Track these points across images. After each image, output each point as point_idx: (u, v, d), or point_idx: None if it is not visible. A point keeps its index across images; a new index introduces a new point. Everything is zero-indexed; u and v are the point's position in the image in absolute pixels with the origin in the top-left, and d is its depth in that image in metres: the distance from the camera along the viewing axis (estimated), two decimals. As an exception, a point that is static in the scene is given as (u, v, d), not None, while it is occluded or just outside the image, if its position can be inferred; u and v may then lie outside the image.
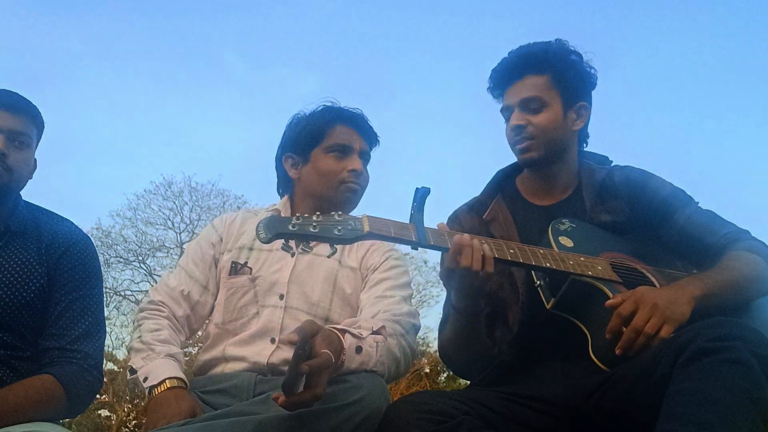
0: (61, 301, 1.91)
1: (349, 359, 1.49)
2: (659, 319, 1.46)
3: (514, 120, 1.80)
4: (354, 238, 1.42)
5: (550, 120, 1.79)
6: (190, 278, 1.96)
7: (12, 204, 1.95)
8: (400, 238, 1.47)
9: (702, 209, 1.80)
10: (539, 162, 1.82)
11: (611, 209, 1.79)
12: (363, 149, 2.01)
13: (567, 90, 1.81)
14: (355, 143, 1.99)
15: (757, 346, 1.27)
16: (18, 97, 1.94)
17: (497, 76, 1.87)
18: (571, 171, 1.87)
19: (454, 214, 1.93)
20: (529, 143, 1.79)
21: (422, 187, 1.50)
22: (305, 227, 1.38)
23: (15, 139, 1.89)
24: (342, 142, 1.97)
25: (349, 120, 2.01)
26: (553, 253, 1.60)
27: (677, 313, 1.48)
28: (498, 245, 1.55)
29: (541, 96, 1.79)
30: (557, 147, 1.81)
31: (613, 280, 1.60)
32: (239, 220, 2.04)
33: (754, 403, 1.22)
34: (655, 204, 1.79)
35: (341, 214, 1.43)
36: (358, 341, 1.51)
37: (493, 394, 1.57)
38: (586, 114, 1.86)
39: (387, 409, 1.44)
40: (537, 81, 1.80)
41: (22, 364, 1.85)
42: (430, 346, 15.17)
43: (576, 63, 1.84)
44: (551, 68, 1.81)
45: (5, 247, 1.90)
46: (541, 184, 1.87)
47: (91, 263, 2.01)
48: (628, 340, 1.47)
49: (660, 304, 1.47)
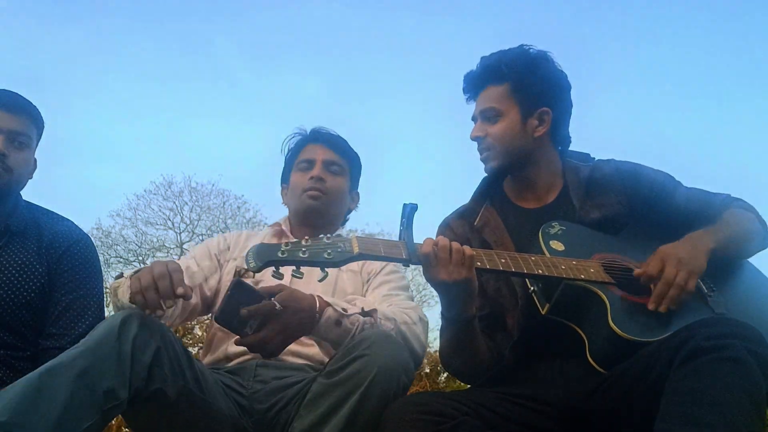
0: (61, 301, 1.92)
1: (326, 329, 1.59)
2: (687, 272, 1.54)
3: (474, 132, 1.84)
4: (344, 261, 1.42)
5: (506, 129, 1.79)
6: (197, 265, 1.99)
7: (12, 204, 1.96)
8: (391, 256, 1.48)
9: (690, 187, 1.86)
10: (501, 171, 1.84)
11: (600, 204, 1.79)
12: (327, 159, 2.12)
13: (526, 97, 1.80)
14: (318, 155, 2.12)
15: (754, 344, 1.27)
16: (18, 97, 1.95)
17: (465, 87, 1.91)
18: (552, 173, 1.87)
19: (445, 222, 1.93)
20: (487, 154, 1.82)
21: (410, 204, 1.50)
22: (295, 253, 1.39)
23: (15, 140, 1.90)
24: (306, 158, 2.14)
25: (314, 138, 2.17)
26: (545, 259, 1.61)
27: (699, 264, 1.58)
28: (489, 256, 1.55)
29: (497, 106, 1.80)
30: (518, 154, 1.81)
31: (606, 282, 1.61)
32: (245, 236, 2.15)
33: (751, 402, 1.23)
34: (655, 189, 1.81)
35: (330, 236, 1.44)
36: (339, 316, 1.60)
37: (492, 394, 1.57)
38: (549, 119, 1.82)
39: (386, 410, 1.43)
40: (496, 91, 1.82)
41: (22, 364, 1.85)
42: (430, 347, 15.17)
43: (538, 69, 1.82)
44: (510, 77, 1.81)
45: (5, 247, 1.91)
46: (524, 188, 1.88)
47: (92, 263, 2.02)
48: (660, 293, 1.54)
49: (684, 258, 1.56)
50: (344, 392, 1.43)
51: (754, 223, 1.77)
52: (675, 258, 1.56)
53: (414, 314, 1.78)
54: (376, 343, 1.46)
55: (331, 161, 2.12)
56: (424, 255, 1.49)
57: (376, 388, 1.41)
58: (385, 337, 1.51)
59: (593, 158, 1.93)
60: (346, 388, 1.43)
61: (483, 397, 1.55)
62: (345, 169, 2.16)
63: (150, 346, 1.48)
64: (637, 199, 1.80)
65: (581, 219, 1.77)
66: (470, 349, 1.66)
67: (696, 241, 1.63)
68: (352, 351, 1.47)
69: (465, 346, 1.65)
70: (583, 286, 1.59)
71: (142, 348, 1.47)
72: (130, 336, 1.46)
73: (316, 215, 2.08)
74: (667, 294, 1.54)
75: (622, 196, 1.80)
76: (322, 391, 1.47)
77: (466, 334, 1.62)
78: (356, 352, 1.45)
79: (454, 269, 1.48)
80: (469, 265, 1.50)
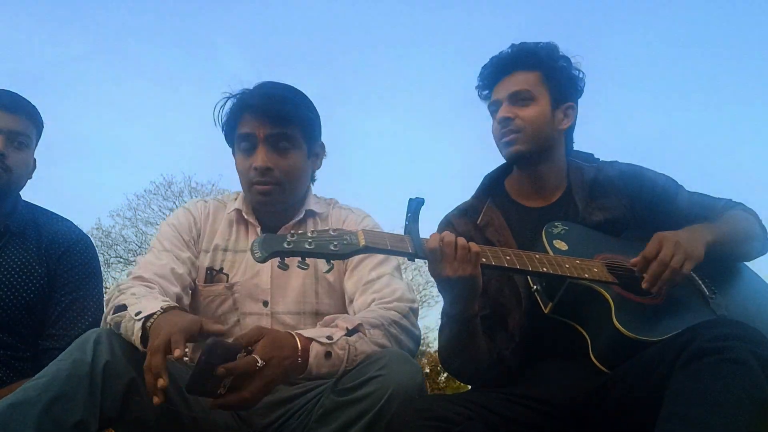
0: (61, 302, 1.91)
1: (317, 367, 1.44)
2: (683, 255, 1.54)
3: (502, 112, 1.80)
4: (350, 253, 1.40)
5: (538, 114, 1.79)
6: (179, 259, 1.77)
7: (11, 204, 1.96)
8: (397, 250, 1.46)
9: (692, 191, 1.86)
10: (525, 157, 1.81)
11: (604, 206, 1.79)
12: (270, 134, 1.72)
13: (556, 89, 1.82)
14: (259, 132, 1.72)
15: (756, 345, 1.27)
16: (17, 97, 1.94)
17: (487, 71, 1.88)
18: (560, 171, 1.87)
19: (446, 219, 1.91)
20: (515, 136, 1.79)
21: (416, 198, 1.49)
22: (300, 244, 1.37)
23: (14, 140, 1.90)
24: (244, 134, 1.74)
25: (251, 106, 1.74)
26: (549, 257, 1.60)
27: (697, 251, 1.57)
28: (495, 253, 1.55)
29: (531, 90, 1.80)
30: (544, 143, 1.81)
31: (609, 282, 1.61)
32: (212, 214, 1.87)
33: (754, 404, 1.22)
34: (657, 192, 1.81)
35: (336, 228, 1.42)
36: (326, 348, 1.45)
37: (495, 395, 1.56)
38: (572, 115, 1.86)
39: (390, 417, 1.40)
40: (527, 76, 1.81)
41: (22, 365, 1.85)
42: (429, 347, 15.17)
43: (565, 66, 1.86)
44: (541, 66, 1.82)
45: (5, 248, 1.90)
46: (530, 185, 1.87)
47: (92, 263, 2.01)
48: (654, 273, 1.54)
49: (682, 242, 1.56)
50: (358, 411, 1.38)
51: (754, 226, 1.77)
52: (672, 241, 1.56)
53: (400, 306, 1.66)
54: (391, 363, 1.42)
55: (276, 135, 1.72)
56: (431, 250, 1.47)
57: (390, 409, 1.37)
58: (399, 357, 1.45)
59: (597, 159, 1.92)
60: (361, 407, 1.38)
61: (486, 398, 1.54)
62: (296, 140, 1.75)
63: (123, 377, 1.40)
64: (639, 201, 1.80)
65: (584, 220, 1.77)
66: (470, 349, 1.65)
67: (695, 232, 1.63)
68: (367, 371, 1.42)
69: (465, 345, 1.64)
70: (586, 285, 1.59)
71: (115, 377, 1.39)
72: (100, 364, 1.38)
73: (271, 208, 1.81)
74: (662, 275, 1.54)
75: (625, 199, 1.80)
76: (334, 408, 1.42)
77: (468, 333, 1.62)
78: (371, 372, 1.41)
79: (460, 265, 1.47)
80: (474, 262, 1.48)
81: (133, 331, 1.44)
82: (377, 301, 1.67)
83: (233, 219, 1.86)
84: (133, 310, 1.47)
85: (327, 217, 1.88)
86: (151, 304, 1.48)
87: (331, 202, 1.93)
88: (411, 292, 1.72)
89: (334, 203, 1.93)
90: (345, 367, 1.47)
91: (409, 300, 1.68)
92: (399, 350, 1.53)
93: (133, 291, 1.57)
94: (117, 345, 1.43)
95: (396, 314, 1.62)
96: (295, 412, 1.61)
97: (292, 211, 1.84)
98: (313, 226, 1.83)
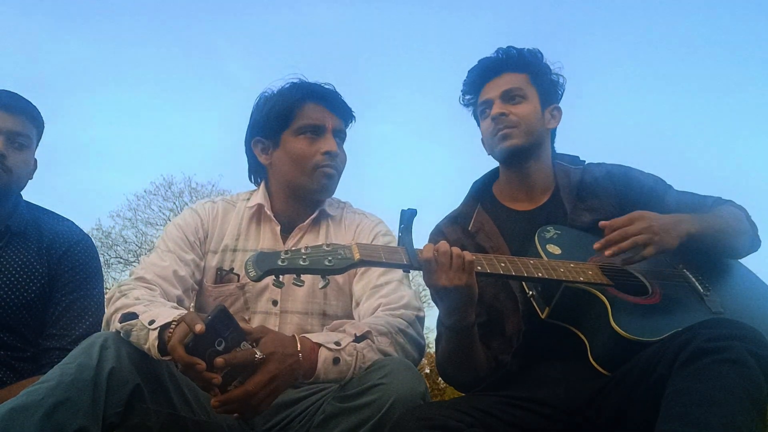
0: (61, 302, 1.91)
1: (325, 372, 1.45)
2: (648, 237, 1.55)
3: (497, 108, 1.83)
4: (345, 267, 1.39)
5: (530, 111, 1.83)
6: (182, 261, 1.77)
7: (12, 204, 1.96)
8: (392, 262, 1.46)
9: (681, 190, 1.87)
10: (520, 151, 1.83)
11: (592, 207, 1.80)
12: (337, 128, 1.83)
13: (543, 90, 1.89)
14: (328, 122, 1.81)
15: (755, 345, 1.27)
16: (17, 98, 1.94)
17: (475, 73, 1.92)
18: (547, 172, 1.89)
19: (437, 228, 1.92)
20: (511, 130, 1.82)
21: (408, 209, 1.49)
22: (295, 261, 1.37)
23: (14, 140, 1.90)
24: (313, 122, 1.80)
25: (320, 97, 1.83)
26: (543, 262, 1.60)
27: (666, 240, 1.57)
28: (489, 260, 1.55)
29: (523, 88, 1.86)
30: (535, 140, 1.84)
31: (604, 284, 1.60)
32: (221, 215, 1.88)
33: (752, 403, 1.22)
34: (645, 192, 1.82)
35: (330, 243, 1.42)
36: (334, 353, 1.46)
37: (496, 400, 1.56)
38: (558, 116, 1.93)
39: (391, 424, 1.40)
40: (517, 77, 1.87)
41: (23, 365, 1.85)
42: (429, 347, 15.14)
43: (551, 69, 1.92)
44: (529, 68, 1.89)
45: (6, 248, 1.91)
46: (519, 187, 1.88)
47: (92, 263, 2.01)
48: (611, 238, 1.56)
49: (654, 226, 1.57)
50: (359, 419, 1.38)
51: (743, 222, 1.77)
52: (645, 221, 1.57)
53: (407, 313, 1.66)
54: (394, 372, 1.42)
55: (339, 130, 1.85)
56: (426, 260, 1.47)
57: (391, 418, 1.37)
58: (402, 366, 1.45)
59: (583, 161, 1.94)
60: (363, 415, 1.38)
61: (487, 403, 1.53)
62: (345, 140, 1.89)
63: (128, 383, 1.40)
64: (627, 201, 1.80)
65: (573, 222, 1.77)
66: (468, 358, 1.64)
67: (679, 221, 1.63)
68: (370, 378, 1.42)
69: (463, 355, 1.64)
70: (582, 288, 1.59)
71: (120, 384, 1.39)
72: (106, 369, 1.37)
73: (324, 195, 1.84)
74: (620, 244, 1.55)
75: (613, 199, 1.81)
76: (335, 414, 1.42)
77: (465, 343, 1.61)
78: (373, 380, 1.41)
79: (455, 275, 1.47)
80: (469, 271, 1.48)
81: (147, 339, 1.44)
82: (384, 306, 1.67)
83: (250, 215, 1.86)
84: (146, 318, 1.46)
85: (340, 220, 1.89)
86: (164, 313, 1.47)
87: (344, 205, 1.94)
88: (418, 300, 1.72)
89: (347, 206, 1.94)
90: (353, 373, 1.47)
91: (416, 308, 1.68)
92: (402, 359, 1.53)
93: (136, 294, 1.57)
94: (124, 351, 1.43)
95: (403, 322, 1.62)
96: (297, 415, 1.61)
97: (309, 210, 1.85)
98: (326, 229, 1.86)
